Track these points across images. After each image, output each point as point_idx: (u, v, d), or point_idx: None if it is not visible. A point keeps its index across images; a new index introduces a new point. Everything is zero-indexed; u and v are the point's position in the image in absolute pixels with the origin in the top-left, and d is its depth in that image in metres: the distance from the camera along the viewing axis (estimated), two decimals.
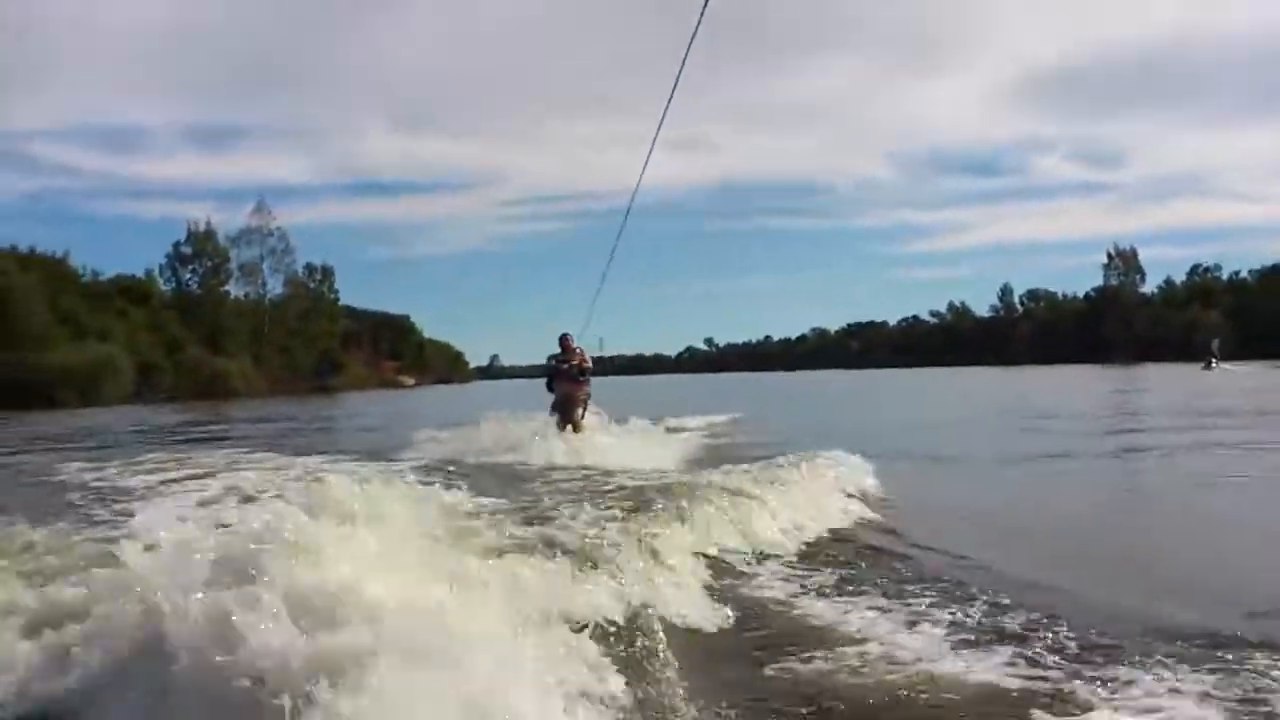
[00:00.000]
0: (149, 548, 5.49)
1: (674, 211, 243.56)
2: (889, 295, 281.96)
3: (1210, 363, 74.75)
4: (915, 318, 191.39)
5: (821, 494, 11.21)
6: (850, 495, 11.58)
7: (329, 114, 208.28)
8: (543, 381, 19.78)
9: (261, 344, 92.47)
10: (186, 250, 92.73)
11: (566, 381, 19.18)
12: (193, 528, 6.36)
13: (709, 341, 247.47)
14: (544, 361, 19.80)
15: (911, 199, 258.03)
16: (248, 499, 10.51)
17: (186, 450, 18.65)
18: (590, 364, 19.59)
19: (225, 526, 6.20)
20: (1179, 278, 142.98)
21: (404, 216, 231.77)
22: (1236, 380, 50.26)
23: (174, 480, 13.53)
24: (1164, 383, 51.35)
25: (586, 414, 19.55)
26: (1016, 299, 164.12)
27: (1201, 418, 24.66)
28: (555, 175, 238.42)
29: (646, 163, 11.02)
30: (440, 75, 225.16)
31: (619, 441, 18.54)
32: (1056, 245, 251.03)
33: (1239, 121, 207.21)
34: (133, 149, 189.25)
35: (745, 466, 12.10)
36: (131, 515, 7.76)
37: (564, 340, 19.34)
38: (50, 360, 58.08)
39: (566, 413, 19.07)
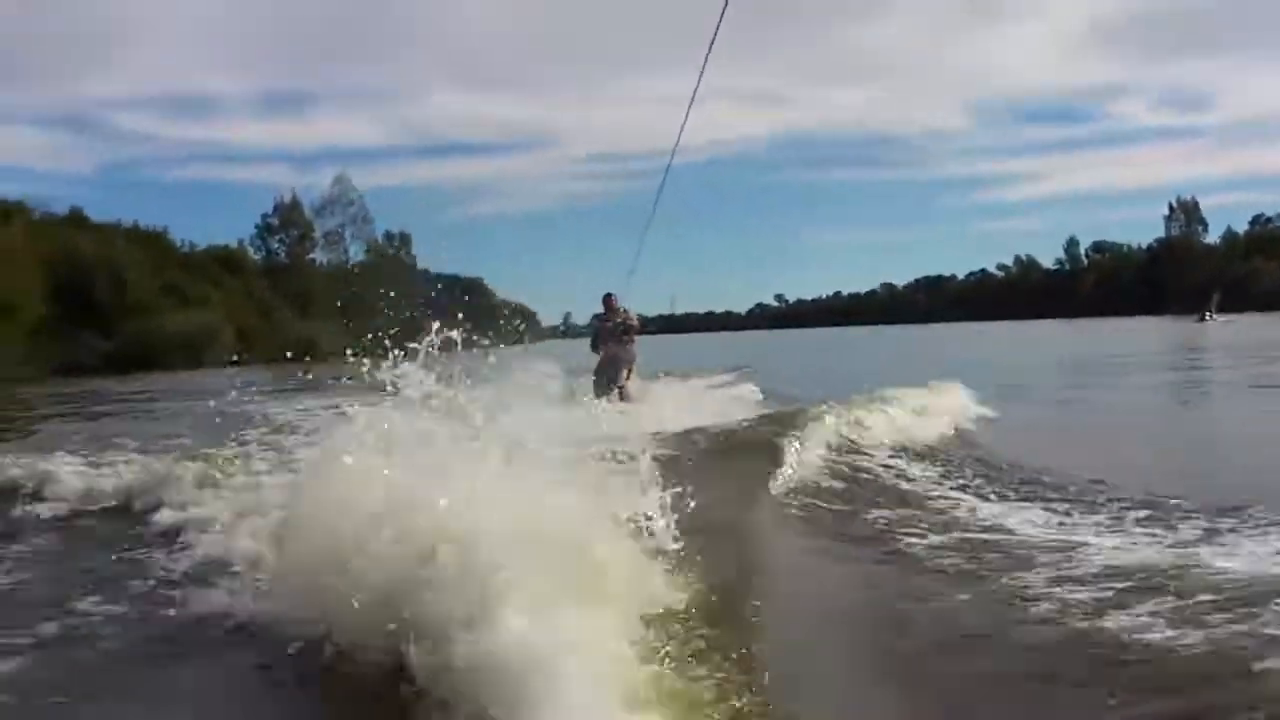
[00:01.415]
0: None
1: (747, 165, 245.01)
2: (963, 248, 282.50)
3: (1205, 315, 79.86)
4: (983, 271, 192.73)
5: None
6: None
7: (397, 77, 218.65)
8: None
9: (346, 309, 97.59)
10: (274, 221, 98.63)
11: (611, 342, 18.39)
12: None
13: (779, 297, 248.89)
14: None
15: (986, 148, 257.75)
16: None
17: (325, 396, 19.42)
18: (636, 322, 18.71)
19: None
20: (1240, 227, 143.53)
21: (474, 177, 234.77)
22: (1224, 330, 58.10)
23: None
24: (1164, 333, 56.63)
25: (632, 378, 18.82)
26: (1082, 251, 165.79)
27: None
28: (628, 133, 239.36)
29: (687, 116, 10.68)
30: (507, 34, 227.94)
31: (683, 400, 18.64)
32: (1135, 194, 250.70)
33: None
34: (206, 116, 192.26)
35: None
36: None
37: (608, 300, 18.57)
38: (164, 327, 64.11)
39: (612, 377, 18.24)
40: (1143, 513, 8.04)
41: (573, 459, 5.99)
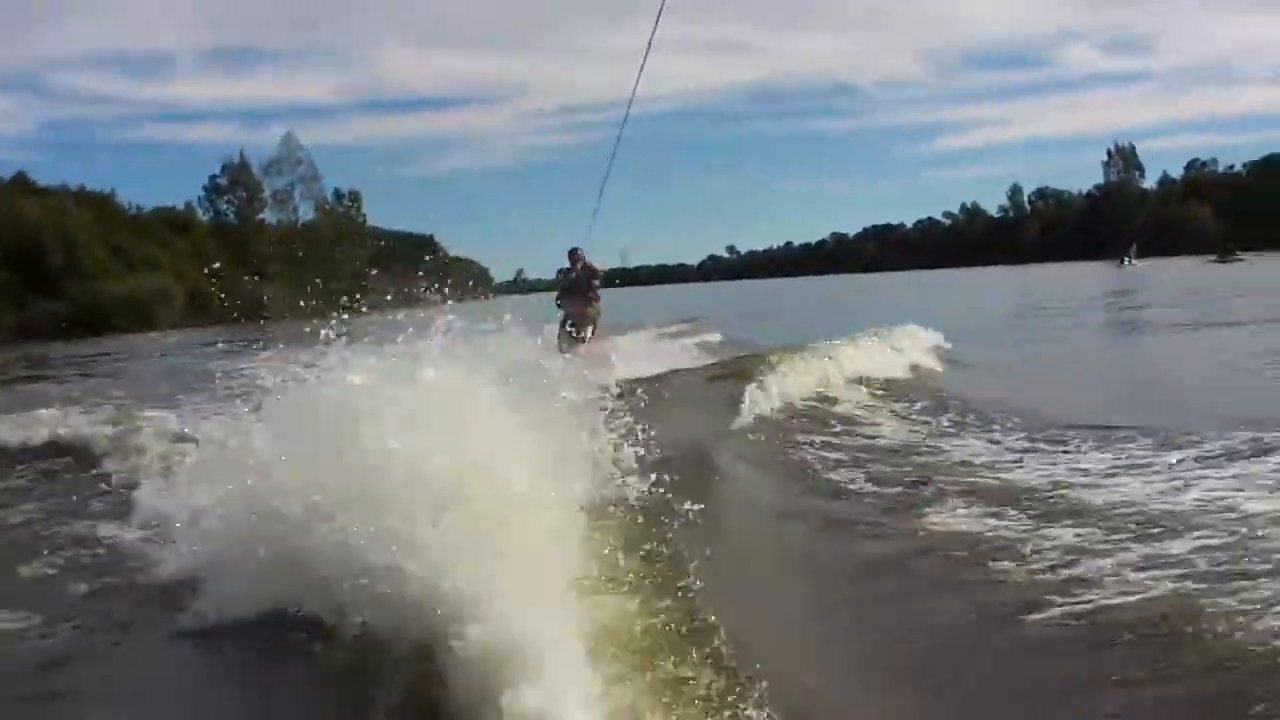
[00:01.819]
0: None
1: (706, 113, 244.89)
2: (915, 196, 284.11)
3: (1123, 260, 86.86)
4: (930, 220, 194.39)
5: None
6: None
7: (348, 32, 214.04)
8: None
9: (297, 268, 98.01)
10: (222, 181, 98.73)
11: (577, 297, 18.04)
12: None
13: (731, 249, 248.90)
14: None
15: (938, 96, 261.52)
16: None
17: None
18: (600, 277, 18.36)
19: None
20: (1177, 172, 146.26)
21: (426, 133, 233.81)
22: (1139, 275, 64.60)
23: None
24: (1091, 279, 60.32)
25: (597, 331, 18.43)
26: (1026, 198, 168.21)
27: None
28: (582, 86, 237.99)
29: (641, 71, 10.95)
30: None
31: (647, 350, 18.97)
32: (1082, 139, 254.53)
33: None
34: (153, 74, 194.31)
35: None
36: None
37: (573, 254, 18.14)
38: (114, 290, 64.65)
39: (577, 330, 17.81)
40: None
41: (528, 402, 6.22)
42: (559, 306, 18.20)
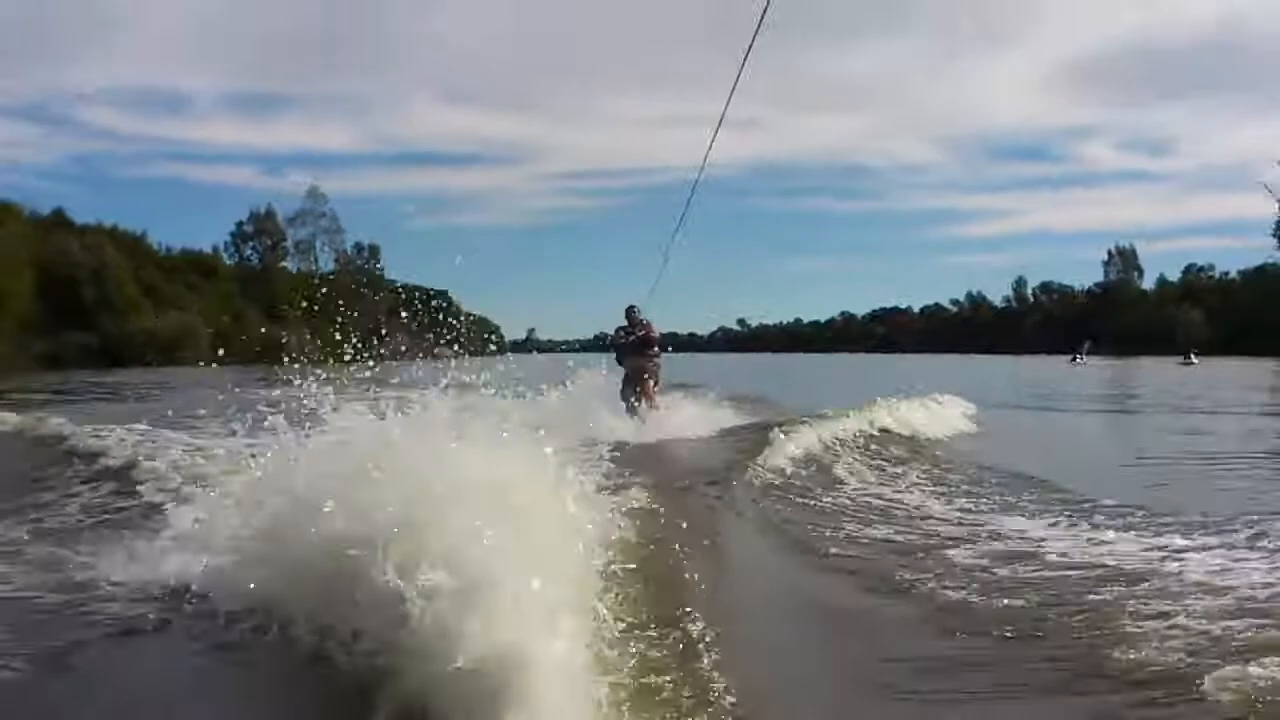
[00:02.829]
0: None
1: (719, 189, 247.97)
2: (925, 280, 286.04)
3: (1076, 358, 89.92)
4: (938, 305, 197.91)
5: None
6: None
7: (374, 84, 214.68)
8: (593, 355, 19.61)
9: (315, 316, 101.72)
10: (248, 228, 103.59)
11: (634, 355, 18.74)
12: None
13: (741, 322, 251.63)
14: (592, 336, 19.98)
15: (953, 183, 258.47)
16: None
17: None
18: (657, 335, 19.04)
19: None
20: (1174, 275, 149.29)
21: (445, 189, 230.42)
22: (1091, 371, 66.80)
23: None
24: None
25: (659, 387, 19.15)
26: (1029, 290, 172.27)
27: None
28: (598, 151, 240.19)
29: (712, 142, 11.21)
30: (488, 48, 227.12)
31: (703, 413, 19.23)
32: (1091, 235, 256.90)
33: None
34: (176, 114, 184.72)
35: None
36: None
37: (630, 312, 18.86)
38: (145, 326, 68.95)
39: (638, 386, 18.61)
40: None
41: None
42: (619, 364, 18.92)
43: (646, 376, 18.60)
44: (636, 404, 18.13)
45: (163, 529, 8.23)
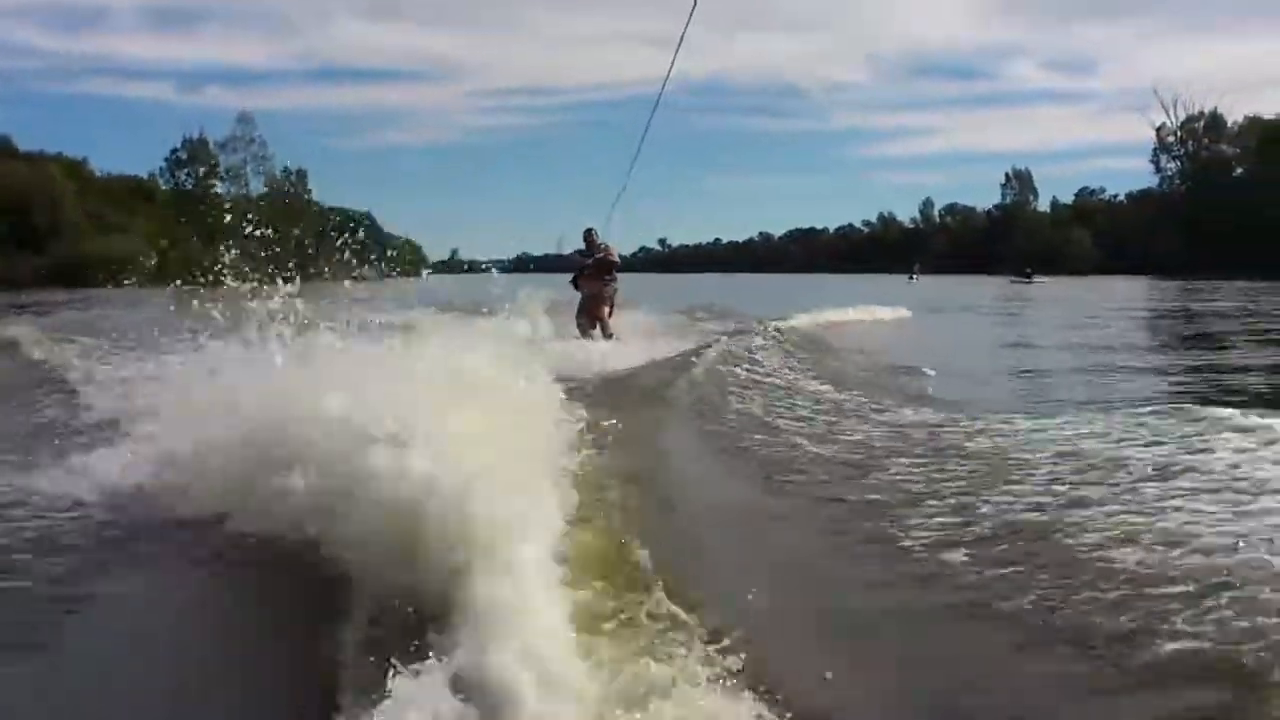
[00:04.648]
0: None
1: (646, 107, 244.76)
2: (849, 198, 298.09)
3: (911, 277, 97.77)
4: (850, 225, 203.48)
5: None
6: None
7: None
8: (519, 276, 17.47)
9: (247, 240, 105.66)
10: (182, 155, 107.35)
11: (593, 280, 18.32)
12: None
13: (662, 242, 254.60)
14: (515, 257, 20.46)
15: (882, 102, 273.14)
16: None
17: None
18: (618, 259, 18.69)
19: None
20: (1067, 198, 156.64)
21: (369, 106, 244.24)
22: (917, 289, 71.63)
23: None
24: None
25: (614, 314, 18.77)
26: (936, 211, 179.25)
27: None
28: (527, 69, 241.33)
29: (670, 71, 11.27)
30: None
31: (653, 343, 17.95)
32: (1011, 156, 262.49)
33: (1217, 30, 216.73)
34: (89, 28, 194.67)
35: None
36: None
37: (588, 235, 18.43)
38: (97, 249, 73.66)
39: (593, 313, 18.28)
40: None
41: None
42: (575, 287, 18.59)
43: (604, 304, 18.43)
44: (593, 331, 18.03)
45: (119, 438, 8.71)
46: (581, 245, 18.62)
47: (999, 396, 14.28)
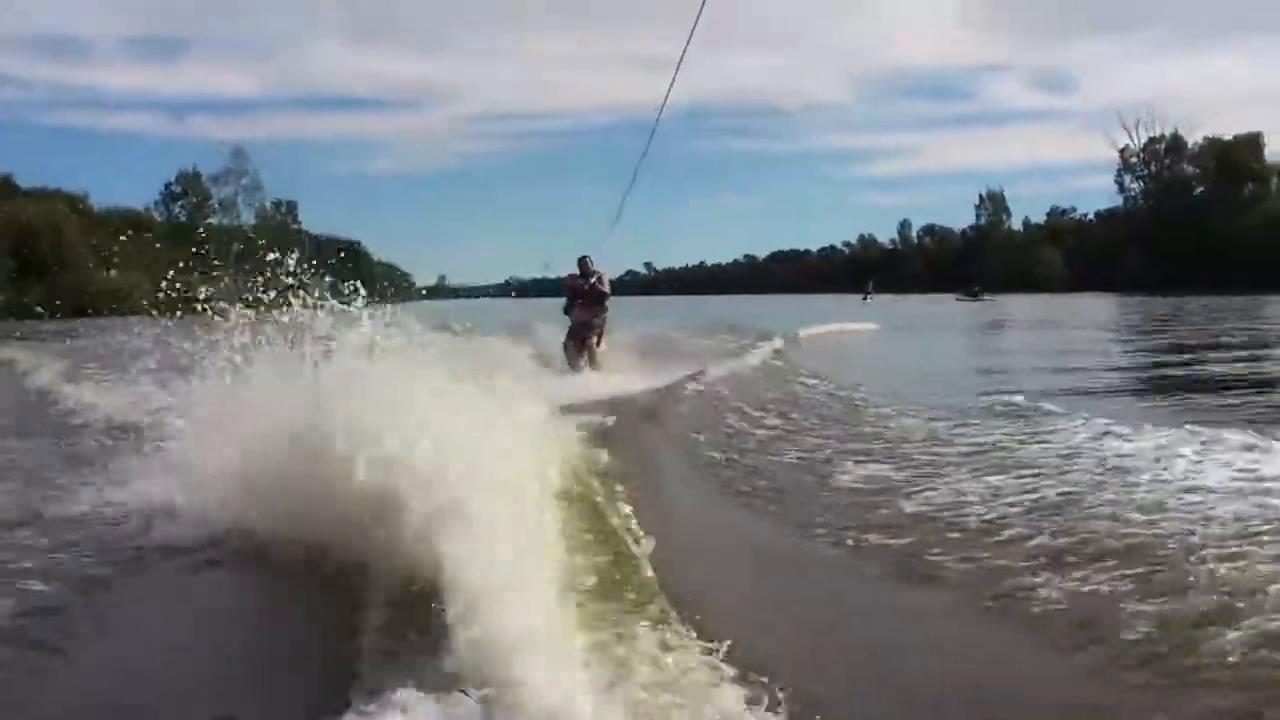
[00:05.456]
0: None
1: (634, 129, 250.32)
2: (831, 220, 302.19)
3: (866, 297, 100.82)
4: (832, 247, 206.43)
5: None
6: None
7: (280, 26, 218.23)
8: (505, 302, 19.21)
9: (238, 269, 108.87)
10: (177, 189, 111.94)
11: (585, 309, 18.35)
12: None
13: (647, 265, 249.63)
14: (503, 281, 20.47)
15: (861, 123, 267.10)
16: None
17: None
18: (609, 289, 18.55)
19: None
20: (1039, 218, 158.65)
21: (355, 133, 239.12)
22: (873, 307, 75.33)
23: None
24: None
25: (603, 343, 18.70)
26: (914, 232, 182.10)
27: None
28: (513, 95, 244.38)
29: (673, 81, 10.89)
30: None
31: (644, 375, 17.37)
32: (989, 175, 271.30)
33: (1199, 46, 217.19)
34: (76, 59, 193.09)
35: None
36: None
37: (583, 263, 18.43)
38: (100, 280, 77.46)
39: (583, 340, 18.30)
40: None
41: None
42: (567, 314, 18.78)
43: (593, 334, 18.51)
44: (580, 360, 18.13)
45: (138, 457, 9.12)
46: (573, 269, 18.95)
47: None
